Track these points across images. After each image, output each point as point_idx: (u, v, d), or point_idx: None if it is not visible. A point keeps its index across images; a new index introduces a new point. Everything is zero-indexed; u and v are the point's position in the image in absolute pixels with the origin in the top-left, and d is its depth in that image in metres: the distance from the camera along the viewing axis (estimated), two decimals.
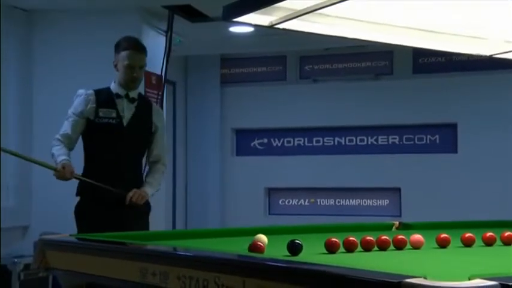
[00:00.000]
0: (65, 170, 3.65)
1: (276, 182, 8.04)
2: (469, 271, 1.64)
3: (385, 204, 7.79)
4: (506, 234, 2.77)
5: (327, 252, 2.38)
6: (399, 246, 2.54)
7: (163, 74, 5.99)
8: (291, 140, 8.12)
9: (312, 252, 2.37)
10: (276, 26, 2.75)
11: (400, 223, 3.52)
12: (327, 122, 7.89)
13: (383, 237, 2.52)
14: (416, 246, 2.56)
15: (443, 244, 2.64)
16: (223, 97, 8.22)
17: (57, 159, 3.72)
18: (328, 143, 7.99)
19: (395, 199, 7.70)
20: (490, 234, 2.74)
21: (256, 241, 2.36)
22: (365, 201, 7.87)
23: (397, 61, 7.75)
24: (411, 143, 7.71)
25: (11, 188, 5.59)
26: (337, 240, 2.41)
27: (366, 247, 2.47)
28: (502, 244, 2.74)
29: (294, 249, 2.26)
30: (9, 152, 4.00)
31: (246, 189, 8.02)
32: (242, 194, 8.03)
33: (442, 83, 7.51)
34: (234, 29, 6.60)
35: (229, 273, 1.84)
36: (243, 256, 2.16)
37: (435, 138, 7.63)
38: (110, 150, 3.83)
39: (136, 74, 3.85)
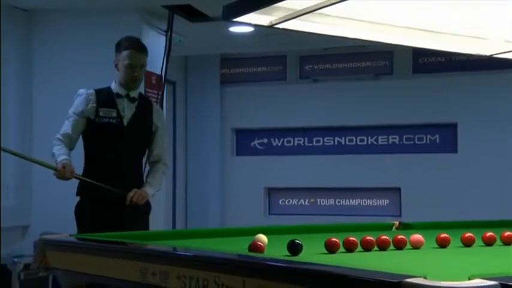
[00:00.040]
0: (65, 169, 3.65)
1: (276, 182, 8.04)
2: (469, 271, 1.64)
3: (385, 204, 7.79)
4: (506, 234, 2.77)
5: (327, 252, 2.38)
6: (399, 246, 2.54)
7: (163, 74, 5.99)
8: (291, 140, 8.11)
9: (312, 252, 2.37)
10: (276, 26, 2.75)
11: (400, 223, 3.52)
12: (327, 122, 7.89)
13: (383, 237, 2.52)
14: (416, 246, 2.56)
15: (443, 244, 2.64)
16: (223, 97, 8.22)
17: (58, 159, 3.72)
18: (328, 143, 7.99)
19: (395, 199, 7.69)
20: (490, 234, 2.74)
21: (256, 241, 2.36)
22: (365, 201, 7.86)
23: (397, 61, 7.75)
24: (411, 143, 7.71)
25: (11, 188, 5.59)
26: (337, 240, 2.41)
27: (366, 247, 2.47)
28: (502, 244, 2.74)
29: (294, 249, 2.26)
30: (9, 152, 4.00)
31: (246, 189, 8.02)
32: (242, 194, 8.03)
33: (442, 83, 7.51)
34: (234, 29, 6.60)
35: (229, 273, 1.84)
36: (243, 256, 2.16)
37: (435, 138, 7.63)
38: (110, 150, 3.82)
39: (137, 74, 3.85)
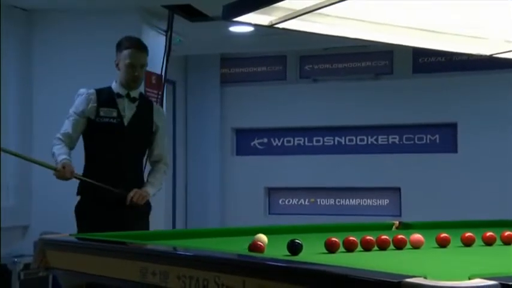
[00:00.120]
0: (65, 169, 3.64)
1: (276, 182, 8.04)
2: (469, 271, 1.64)
3: (385, 204, 7.79)
4: (506, 233, 2.77)
5: (327, 252, 2.38)
6: (399, 246, 2.54)
7: (163, 74, 5.99)
8: (291, 140, 8.11)
9: (312, 252, 2.37)
10: (276, 26, 2.74)
11: (400, 223, 3.53)
12: (327, 122, 7.89)
13: (383, 236, 2.52)
14: (416, 246, 2.56)
15: (443, 244, 2.64)
16: (223, 97, 8.21)
17: (58, 159, 3.71)
18: (328, 142, 7.99)
19: (395, 199, 7.69)
20: (490, 233, 2.74)
21: (256, 241, 2.36)
22: (365, 201, 7.86)
23: (397, 61, 7.75)
24: (411, 142, 7.71)
25: (11, 188, 5.58)
26: (337, 240, 2.41)
27: (366, 247, 2.47)
28: (502, 244, 2.74)
29: (294, 249, 2.26)
30: (9, 152, 4.00)
31: (246, 189, 8.02)
32: (242, 193, 8.03)
33: (442, 83, 7.51)
34: (234, 28, 6.60)
35: (229, 272, 1.84)
36: (243, 256, 2.16)
37: (435, 138, 7.63)
38: (110, 149, 3.82)
39: (137, 73, 3.85)
